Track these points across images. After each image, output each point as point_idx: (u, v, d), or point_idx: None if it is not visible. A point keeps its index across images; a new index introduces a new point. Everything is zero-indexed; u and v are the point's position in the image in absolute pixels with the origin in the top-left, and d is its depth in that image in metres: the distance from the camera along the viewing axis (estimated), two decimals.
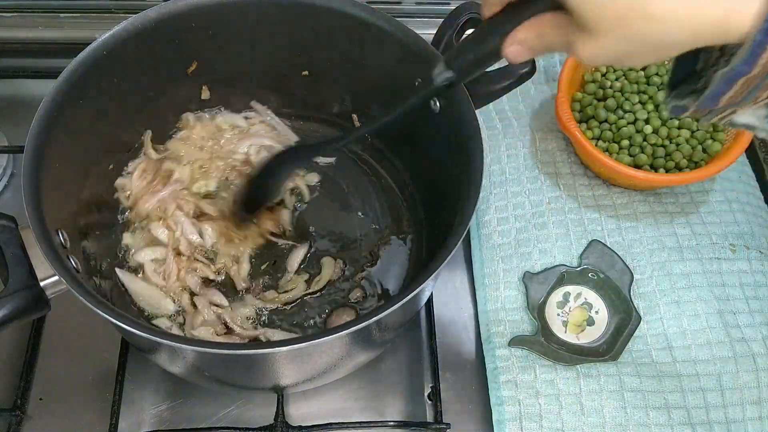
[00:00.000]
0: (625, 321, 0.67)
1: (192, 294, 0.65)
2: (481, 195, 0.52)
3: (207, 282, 0.66)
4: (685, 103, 0.39)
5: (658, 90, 0.75)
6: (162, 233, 0.67)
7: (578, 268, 0.69)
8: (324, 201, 0.74)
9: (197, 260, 0.66)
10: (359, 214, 0.73)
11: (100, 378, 0.65)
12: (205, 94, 0.72)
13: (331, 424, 0.62)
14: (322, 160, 0.76)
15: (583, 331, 0.67)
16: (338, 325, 0.46)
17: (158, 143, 0.72)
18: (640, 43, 0.35)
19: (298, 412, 0.65)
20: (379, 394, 0.66)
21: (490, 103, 0.61)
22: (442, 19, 0.62)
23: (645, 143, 0.74)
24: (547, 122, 0.80)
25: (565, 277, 0.69)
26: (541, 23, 0.40)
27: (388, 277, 0.69)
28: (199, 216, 0.69)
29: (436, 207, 0.69)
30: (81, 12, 0.87)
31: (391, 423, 0.63)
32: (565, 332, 0.67)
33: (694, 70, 0.40)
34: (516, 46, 0.42)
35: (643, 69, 0.77)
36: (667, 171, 0.73)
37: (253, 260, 0.68)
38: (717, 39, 0.34)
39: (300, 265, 0.68)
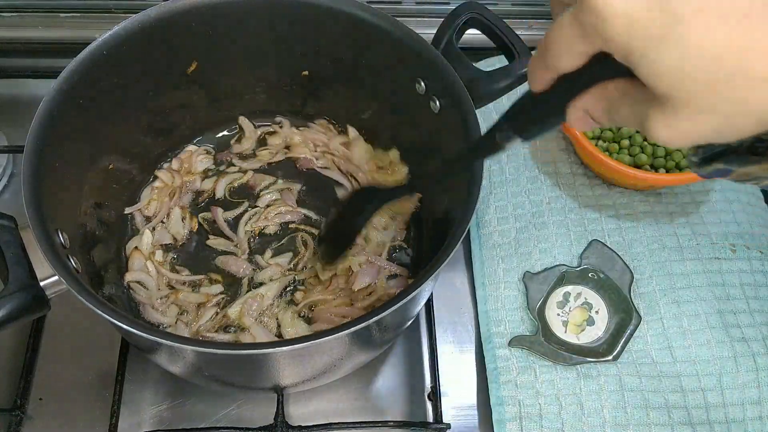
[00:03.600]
0: (625, 321, 0.67)
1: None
2: (481, 195, 0.52)
3: None
4: (751, 171, 0.34)
5: None
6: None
7: (578, 268, 0.69)
8: (324, 201, 0.74)
9: None
10: None
11: (100, 378, 0.65)
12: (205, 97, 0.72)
13: (331, 424, 0.62)
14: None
15: (583, 331, 0.67)
16: (338, 326, 0.46)
17: (159, 143, 0.72)
18: (738, 116, 0.29)
19: (298, 412, 0.65)
20: (379, 394, 0.66)
21: (490, 103, 0.61)
22: (442, 19, 0.62)
23: (645, 143, 0.74)
24: None
25: (565, 277, 0.69)
26: (608, 92, 0.33)
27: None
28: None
29: (436, 207, 0.69)
30: (81, 12, 0.87)
31: (391, 423, 0.63)
32: (565, 332, 0.66)
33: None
34: (580, 114, 0.35)
35: None
36: (667, 171, 0.73)
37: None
38: None
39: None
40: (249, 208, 0.73)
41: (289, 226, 0.72)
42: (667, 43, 0.27)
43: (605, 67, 0.32)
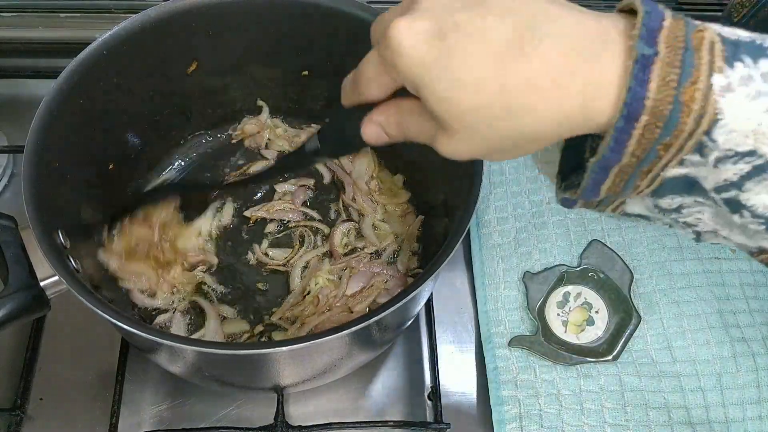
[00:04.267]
0: (625, 321, 0.67)
1: None
2: (481, 195, 0.52)
3: None
4: (569, 195, 0.37)
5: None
6: None
7: (578, 268, 0.69)
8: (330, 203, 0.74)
9: None
10: None
11: (100, 378, 0.65)
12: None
13: (331, 424, 0.62)
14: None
15: (583, 331, 0.67)
16: (338, 326, 0.46)
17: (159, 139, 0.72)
18: (502, 140, 0.34)
19: (298, 412, 0.65)
20: (379, 394, 0.66)
21: None
22: None
23: None
24: None
25: (565, 277, 0.69)
26: (401, 109, 0.38)
27: None
28: None
29: (437, 207, 0.69)
30: (81, 12, 0.87)
31: (391, 423, 0.63)
32: (565, 332, 0.67)
33: (583, 158, 0.37)
34: (374, 128, 0.39)
35: None
36: None
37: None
38: (582, 129, 0.32)
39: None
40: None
41: (289, 224, 0.72)
42: (440, 75, 0.32)
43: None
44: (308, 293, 0.67)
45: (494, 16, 0.31)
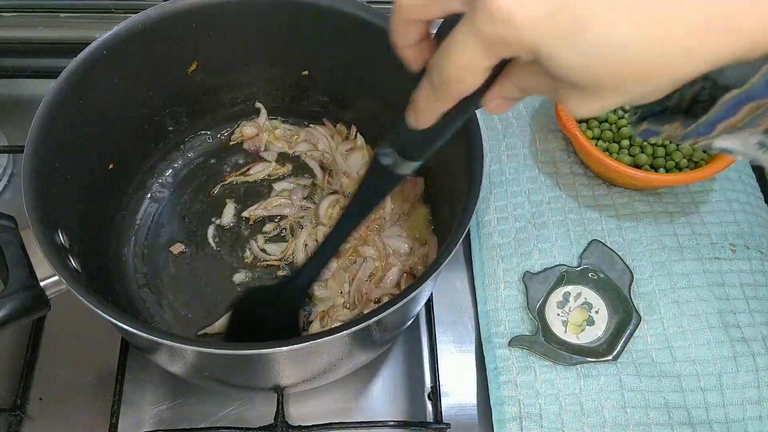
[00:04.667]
0: (625, 321, 0.67)
1: None
2: (481, 195, 0.52)
3: None
4: (666, 130, 0.34)
5: None
6: None
7: (578, 268, 0.69)
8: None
9: None
10: None
11: (100, 378, 0.65)
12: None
13: (331, 424, 0.62)
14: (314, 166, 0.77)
15: (583, 331, 0.67)
16: (338, 326, 0.46)
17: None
18: (639, 93, 0.30)
19: (298, 412, 0.65)
20: (379, 394, 0.66)
21: None
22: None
23: (645, 143, 0.74)
24: (547, 122, 0.80)
25: (565, 277, 0.69)
26: (517, 74, 0.33)
27: None
28: None
29: (437, 207, 0.69)
30: (81, 12, 0.87)
31: (391, 423, 0.63)
32: (565, 332, 0.66)
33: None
34: (499, 102, 0.34)
35: None
36: (667, 171, 0.73)
37: None
38: (735, 62, 0.28)
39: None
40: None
41: (284, 220, 0.72)
42: (572, 42, 0.27)
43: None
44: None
45: None
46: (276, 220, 0.72)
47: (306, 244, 0.70)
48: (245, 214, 0.72)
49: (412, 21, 0.34)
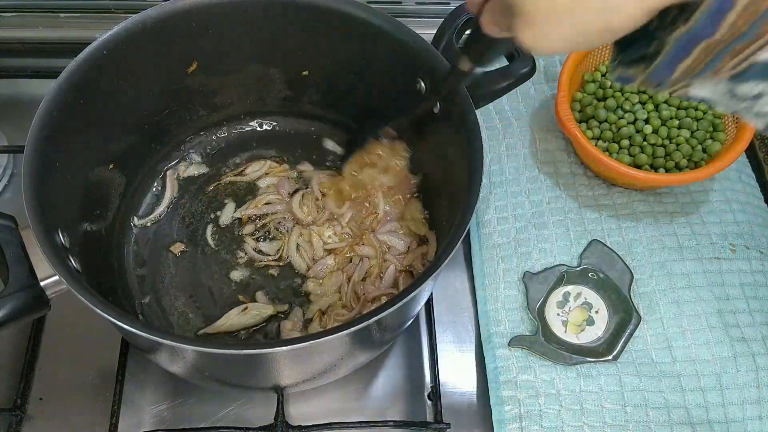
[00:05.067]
0: (625, 321, 0.67)
1: None
2: (481, 195, 0.52)
3: None
4: (632, 73, 0.34)
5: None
6: None
7: (578, 268, 0.69)
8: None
9: None
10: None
11: (100, 378, 0.65)
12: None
13: (331, 424, 0.62)
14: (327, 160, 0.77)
15: (583, 331, 0.67)
16: (338, 326, 0.46)
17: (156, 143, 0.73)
18: (582, 20, 0.31)
19: (298, 412, 0.65)
20: (379, 394, 0.66)
21: (490, 103, 0.61)
22: (442, 19, 0.62)
23: (645, 143, 0.74)
24: (547, 122, 0.80)
25: (565, 277, 0.69)
26: (495, 5, 0.38)
27: None
28: None
29: (437, 207, 0.69)
30: (81, 12, 0.87)
31: (391, 423, 0.63)
32: (565, 332, 0.67)
33: (647, 29, 0.33)
34: (489, 18, 0.39)
35: None
36: (667, 171, 0.73)
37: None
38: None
39: None
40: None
41: (273, 216, 0.73)
42: None
43: None
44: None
45: None
46: (254, 220, 0.72)
47: (299, 245, 0.70)
48: (236, 214, 0.73)
49: None
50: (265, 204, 0.73)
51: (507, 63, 0.60)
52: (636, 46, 0.34)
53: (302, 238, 0.71)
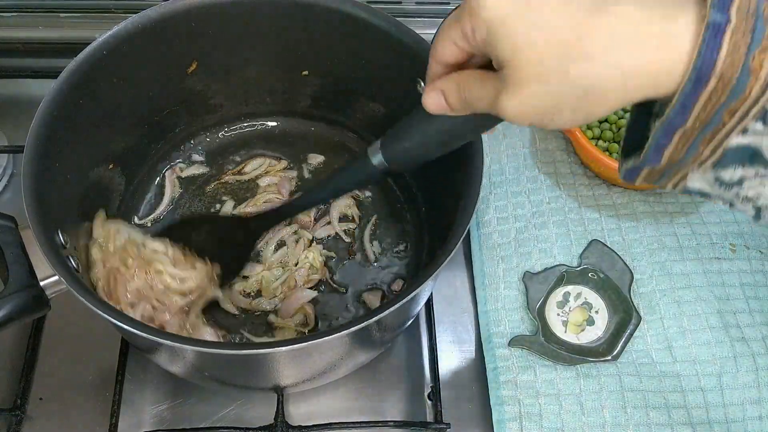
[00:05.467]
0: (625, 321, 0.67)
1: None
2: (481, 195, 0.52)
3: None
4: (632, 163, 0.38)
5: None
6: None
7: (578, 268, 0.69)
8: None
9: None
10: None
11: (100, 378, 0.65)
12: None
13: (331, 424, 0.62)
14: (316, 160, 0.77)
15: (583, 331, 0.67)
16: (338, 326, 0.46)
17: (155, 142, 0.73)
18: (568, 91, 0.34)
19: (298, 412, 0.65)
20: (379, 394, 0.66)
21: None
22: (442, 19, 0.61)
23: None
24: None
25: (565, 277, 0.69)
26: (465, 76, 0.40)
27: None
28: None
29: (437, 207, 0.69)
30: (81, 12, 0.87)
31: (391, 423, 0.63)
32: (565, 332, 0.67)
33: (646, 136, 0.37)
34: (434, 94, 0.42)
35: None
36: None
37: None
38: (649, 89, 0.34)
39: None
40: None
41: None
42: (518, 22, 0.34)
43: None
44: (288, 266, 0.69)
45: None
46: None
47: (281, 242, 0.70)
48: (236, 212, 0.73)
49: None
50: (264, 202, 0.73)
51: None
52: (631, 139, 0.39)
53: (293, 237, 0.70)
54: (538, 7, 0.34)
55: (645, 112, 0.37)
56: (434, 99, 0.42)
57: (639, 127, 0.39)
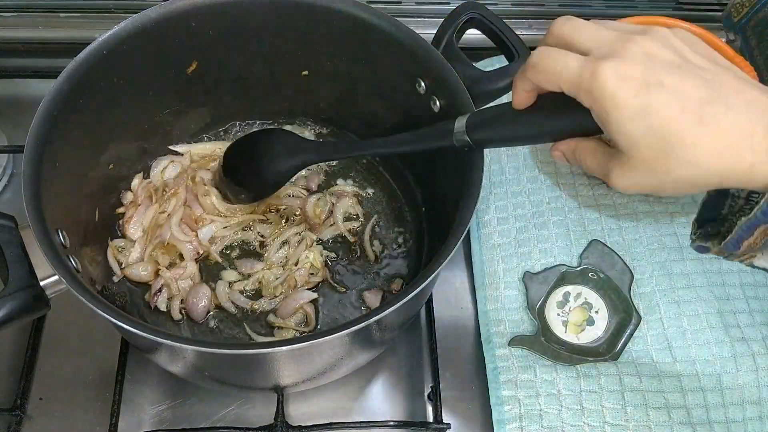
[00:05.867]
0: (625, 321, 0.67)
1: None
2: (481, 195, 0.52)
3: None
4: (709, 245, 0.45)
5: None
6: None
7: (578, 268, 0.69)
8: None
9: None
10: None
11: (100, 378, 0.65)
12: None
13: (331, 424, 0.62)
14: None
15: (583, 331, 0.67)
16: (338, 325, 0.46)
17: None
18: (672, 181, 0.39)
19: (298, 412, 0.65)
20: (379, 394, 0.66)
21: (491, 103, 0.61)
22: (442, 19, 0.62)
23: None
24: None
25: (565, 277, 0.69)
26: (580, 146, 0.45)
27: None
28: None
29: (437, 207, 0.69)
30: (81, 12, 0.87)
31: (391, 423, 0.63)
32: (565, 332, 0.67)
33: (721, 213, 0.45)
34: (558, 153, 0.47)
35: None
36: None
37: None
38: (743, 185, 0.38)
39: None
40: None
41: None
42: (634, 117, 0.38)
43: (575, 122, 0.43)
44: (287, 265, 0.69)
45: (693, 82, 0.38)
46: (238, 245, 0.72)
47: (286, 241, 0.70)
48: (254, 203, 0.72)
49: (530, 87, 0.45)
50: (287, 195, 0.73)
51: (507, 63, 0.60)
52: (712, 225, 0.46)
53: (296, 238, 0.70)
54: (657, 106, 0.37)
55: (722, 192, 0.44)
56: (558, 156, 0.47)
57: (712, 201, 0.46)
